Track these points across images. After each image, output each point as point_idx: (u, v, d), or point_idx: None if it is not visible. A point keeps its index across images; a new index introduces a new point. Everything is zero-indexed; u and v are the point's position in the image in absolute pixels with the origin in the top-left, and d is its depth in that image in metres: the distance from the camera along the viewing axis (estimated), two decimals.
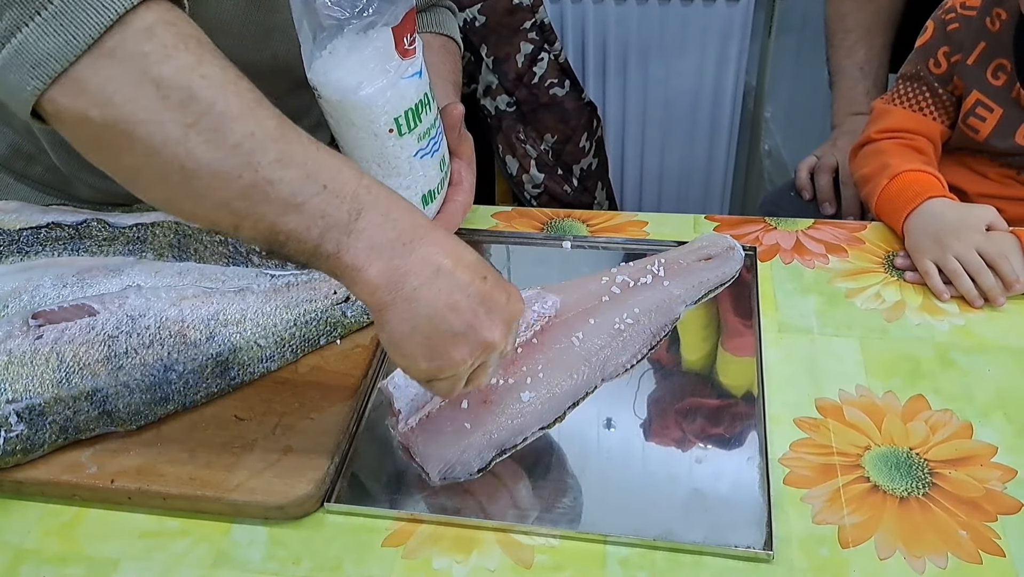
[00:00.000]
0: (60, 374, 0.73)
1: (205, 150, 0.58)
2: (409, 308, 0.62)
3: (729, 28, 1.87)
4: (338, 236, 0.60)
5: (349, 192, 0.61)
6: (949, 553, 0.65)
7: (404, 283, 0.61)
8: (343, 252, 0.61)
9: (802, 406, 0.78)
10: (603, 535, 0.68)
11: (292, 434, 0.75)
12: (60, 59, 0.57)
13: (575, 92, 1.65)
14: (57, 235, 0.88)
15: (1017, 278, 0.88)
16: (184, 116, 0.57)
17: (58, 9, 0.57)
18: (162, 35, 0.58)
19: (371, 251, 0.61)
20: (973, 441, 0.74)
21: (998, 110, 1.02)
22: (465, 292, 0.63)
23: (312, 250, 0.61)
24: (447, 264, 0.63)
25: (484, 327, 0.63)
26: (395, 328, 0.63)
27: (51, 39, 0.57)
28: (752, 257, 0.95)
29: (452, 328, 0.62)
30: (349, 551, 0.68)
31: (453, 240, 0.65)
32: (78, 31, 0.57)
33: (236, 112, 0.59)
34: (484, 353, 0.64)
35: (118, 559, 0.69)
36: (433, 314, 0.62)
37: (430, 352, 0.63)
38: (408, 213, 0.64)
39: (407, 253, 0.62)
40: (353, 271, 0.61)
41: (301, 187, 0.59)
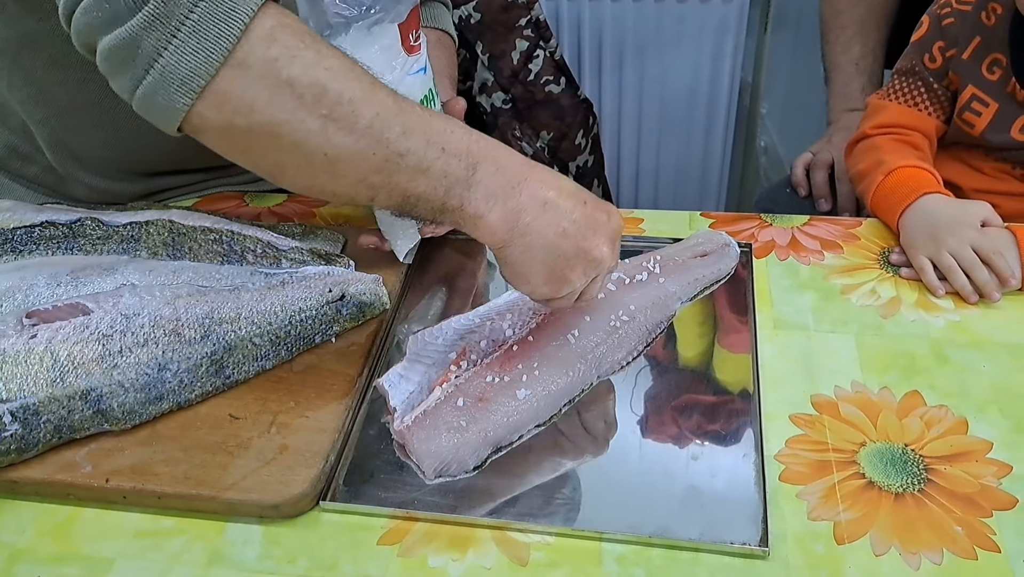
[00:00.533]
0: (54, 373, 0.73)
1: (342, 136, 0.64)
2: (526, 241, 0.69)
3: (725, 24, 1.87)
4: (460, 191, 0.68)
5: (463, 150, 0.68)
6: (944, 549, 0.65)
7: (519, 221, 0.69)
8: (466, 204, 0.68)
9: (798, 402, 0.78)
10: (599, 532, 0.68)
11: (287, 433, 0.75)
12: (203, 75, 0.61)
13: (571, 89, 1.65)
14: (51, 234, 0.88)
15: (1012, 274, 0.88)
16: (320, 109, 0.63)
17: (192, 28, 0.61)
18: (283, 38, 0.63)
19: (489, 199, 0.68)
20: (968, 437, 0.74)
21: (993, 105, 1.02)
22: (571, 218, 0.70)
23: (440, 207, 0.68)
24: (552, 196, 0.70)
25: (592, 247, 0.71)
26: (517, 260, 0.71)
27: (191, 57, 0.61)
28: (748, 254, 0.95)
29: (565, 253, 0.70)
30: (345, 550, 0.68)
31: (553, 174, 0.72)
32: (213, 46, 0.61)
33: (361, 96, 0.64)
34: (596, 269, 0.72)
35: (113, 558, 0.68)
36: (547, 243, 0.69)
37: (550, 276, 0.71)
38: (512, 157, 0.71)
39: (517, 194, 0.69)
40: (476, 219, 0.69)
41: (425, 153, 0.66)
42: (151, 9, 0.61)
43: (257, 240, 0.88)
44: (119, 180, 1.04)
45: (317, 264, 0.88)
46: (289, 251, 0.88)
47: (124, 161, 1.03)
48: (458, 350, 0.80)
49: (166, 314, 0.78)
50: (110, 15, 0.62)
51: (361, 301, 0.86)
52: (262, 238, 0.88)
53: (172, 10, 0.61)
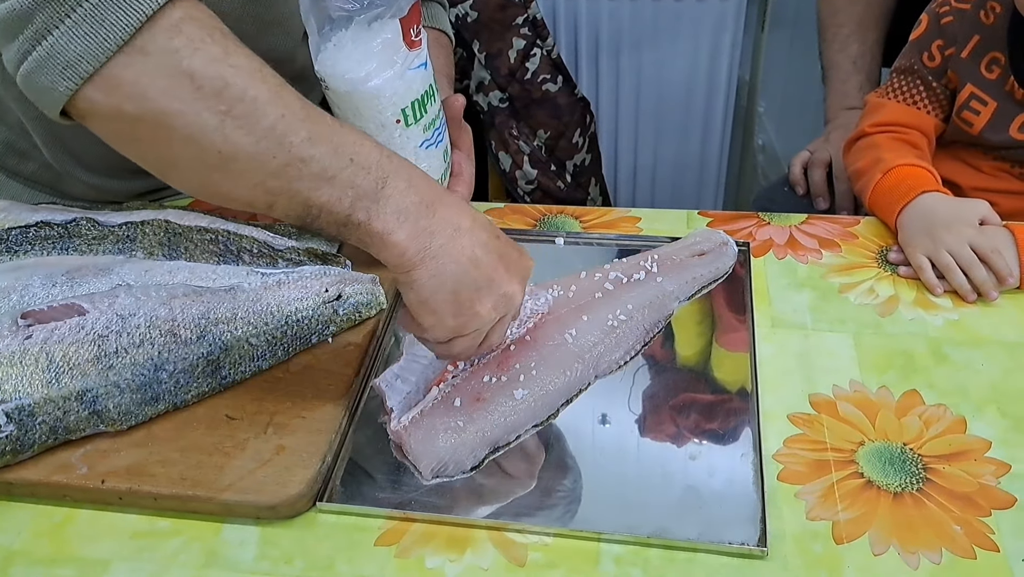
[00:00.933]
0: (50, 374, 0.73)
1: (241, 135, 0.61)
2: (436, 265, 0.66)
3: (722, 23, 1.87)
4: (367, 204, 0.65)
5: (374, 163, 0.65)
6: (943, 548, 0.65)
7: (430, 243, 0.66)
8: (373, 219, 0.65)
9: (796, 401, 0.78)
10: (597, 533, 0.68)
11: (284, 433, 0.75)
12: (92, 60, 0.59)
13: (568, 87, 1.65)
14: (46, 234, 0.88)
15: (1010, 272, 0.88)
16: (219, 104, 0.60)
17: (87, 12, 0.59)
18: (189, 30, 0.60)
19: (398, 216, 0.65)
20: (967, 436, 0.74)
21: (992, 103, 1.02)
22: (484, 248, 0.68)
23: (344, 220, 0.65)
24: (466, 223, 0.68)
25: (504, 280, 0.69)
26: (423, 286, 0.67)
27: (82, 41, 0.59)
28: (746, 252, 0.95)
29: (476, 282, 0.67)
30: (341, 550, 0.68)
31: (466, 202, 0.71)
32: (109, 32, 0.58)
33: (266, 96, 0.62)
34: (505, 306, 0.70)
35: (109, 560, 0.68)
36: (457, 269, 0.67)
37: (457, 307, 0.68)
38: (425, 179, 0.69)
39: (430, 214, 0.66)
40: (383, 236, 0.65)
41: (331, 162, 0.63)
42: None
43: (253, 240, 0.88)
44: (116, 177, 1.04)
45: (313, 264, 0.88)
46: (285, 251, 0.88)
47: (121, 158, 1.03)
48: None
49: (162, 314, 0.77)
50: None
51: (358, 301, 0.85)
52: (258, 238, 0.88)
53: None
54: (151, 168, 0.66)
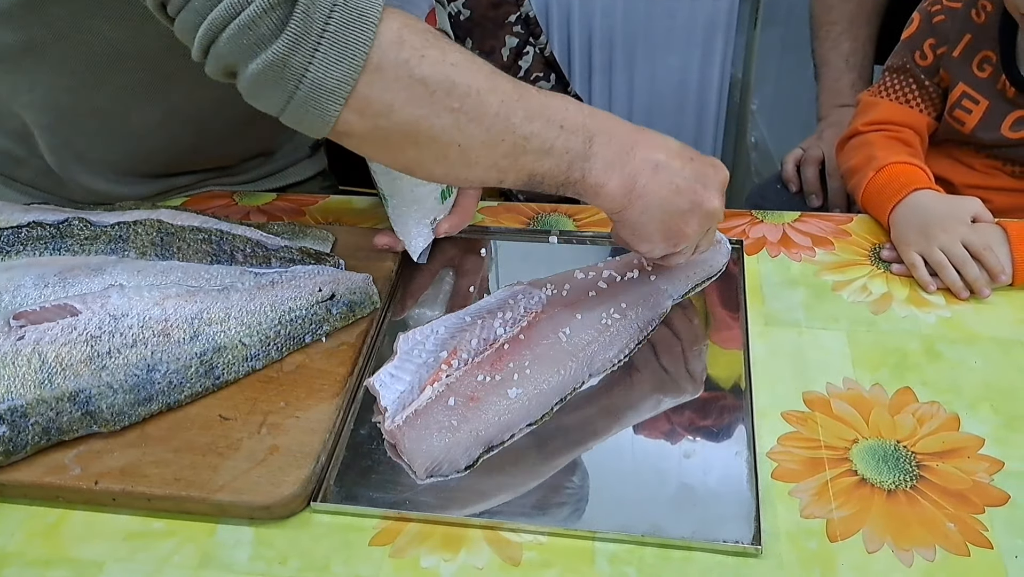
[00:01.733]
0: (42, 375, 0.73)
1: (473, 127, 0.68)
2: (643, 202, 0.74)
3: (715, 20, 1.87)
4: (581, 164, 0.72)
5: (580, 125, 0.71)
6: (937, 545, 0.65)
7: (635, 184, 0.73)
8: (587, 176, 0.72)
9: (789, 399, 0.78)
10: (591, 531, 0.68)
11: (278, 433, 0.75)
12: (348, 82, 0.64)
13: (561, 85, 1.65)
14: (38, 234, 0.88)
15: (1003, 269, 0.88)
16: (451, 102, 0.66)
17: (331, 40, 0.64)
18: (410, 39, 0.66)
19: (607, 168, 0.72)
20: (960, 433, 0.74)
21: (984, 102, 1.02)
22: (682, 175, 0.74)
23: (564, 180, 0.72)
24: (662, 158, 0.74)
25: (705, 199, 0.75)
26: (636, 221, 0.75)
27: (335, 68, 0.64)
28: (739, 250, 0.95)
29: (680, 208, 0.75)
30: (336, 551, 0.68)
31: (659, 136, 0.76)
32: (353, 53, 0.64)
33: (486, 85, 0.68)
34: (709, 220, 0.77)
35: (103, 561, 0.68)
36: (662, 201, 0.74)
37: (667, 232, 0.76)
38: (620, 125, 0.74)
39: (631, 159, 0.73)
40: (597, 188, 0.73)
41: (547, 134, 0.70)
42: (293, 28, 0.63)
43: (246, 239, 0.87)
44: (123, 183, 1.04)
45: (307, 263, 0.88)
46: (279, 250, 0.88)
47: (131, 164, 1.03)
48: (449, 349, 0.79)
49: (155, 315, 0.77)
50: (255, 39, 0.64)
51: (351, 300, 0.85)
52: (251, 237, 0.88)
53: (310, 27, 0.63)
54: (400, 169, 0.73)
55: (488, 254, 0.98)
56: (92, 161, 1.01)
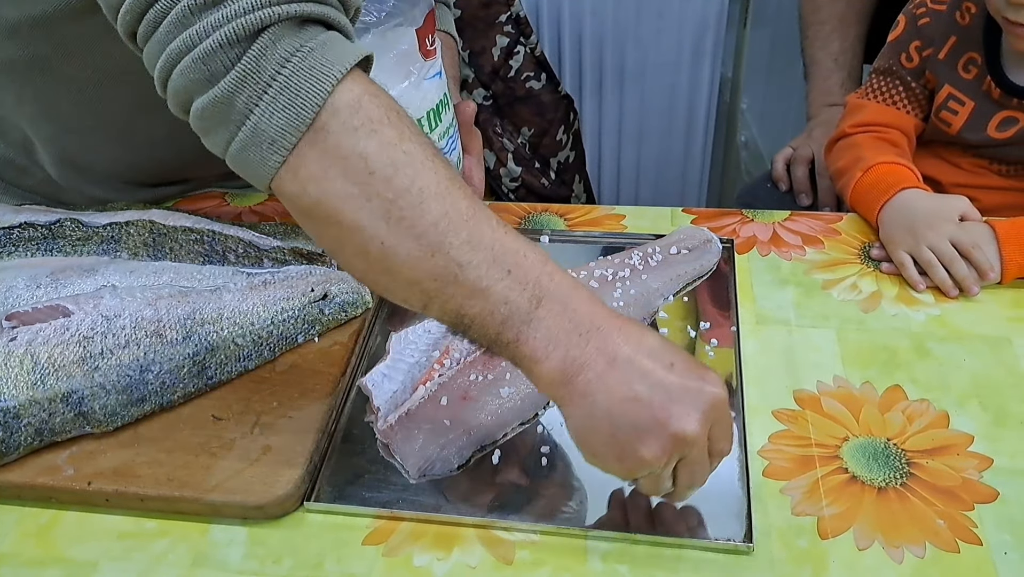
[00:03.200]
0: (35, 376, 0.73)
1: (403, 227, 0.58)
2: (587, 403, 0.59)
3: (704, 20, 1.87)
4: (519, 325, 0.59)
5: (532, 279, 0.60)
6: (927, 542, 0.66)
7: (579, 375, 0.59)
8: (522, 342, 0.59)
9: (780, 398, 0.78)
10: (584, 530, 0.68)
11: (271, 433, 0.75)
12: (291, 134, 0.58)
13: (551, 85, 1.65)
14: (30, 235, 0.88)
15: (991, 267, 0.88)
16: (387, 191, 0.58)
17: (281, 86, 0.58)
18: (368, 108, 0.59)
19: (548, 342, 0.59)
20: (949, 430, 0.75)
21: (969, 103, 1.03)
22: (646, 382, 0.59)
23: (494, 336, 0.60)
24: (625, 352, 0.59)
25: (674, 419, 0.58)
26: (578, 424, 0.61)
27: (280, 115, 0.58)
28: (729, 249, 0.95)
29: (636, 423, 0.59)
30: (330, 550, 0.68)
31: (636, 326, 0.61)
32: (301, 106, 0.58)
33: (434, 190, 0.59)
34: (679, 448, 0.59)
35: (96, 561, 0.68)
36: (612, 408, 0.59)
37: (618, 450, 0.60)
38: (588, 302, 0.61)
39: (583, 344, 0.59)
40: (531, 362, 0.60)
41: (487, 271, 0.59)
42: (243, 66, 0.58)
43: (238, 240, 0.87)
44: (125, 192, 1.04)
45: (299, 263, 0.88)
46: (271, 251, 0.88)
47: (133, 174, 1.03)
48: (441, 348, 0.80)
49: (147, 315, 0.77)
50: (208, 74, 0.59)
51: (344, 300, 0.85)
52: (243, 238, 0.88)
53: (263, 68, 0.58)
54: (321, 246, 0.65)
55: None
56: (95, 172, 1.00)
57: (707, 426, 0.60)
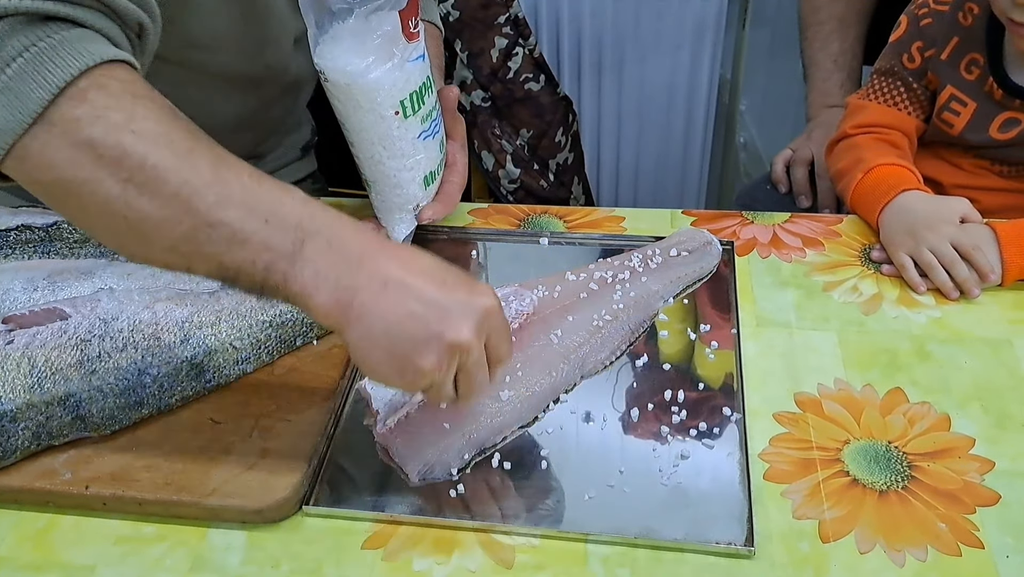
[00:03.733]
0: (32, 379, 0.72)
1: (144, 202, 0.60)
2: (363, 325, 0.62)
3: (704, 21, 1.87)
4: (284, 267, 0.61)
5: (292, 223, 0.62)
6: (928, 546, 0.66)
7: (354, 301, 0.62)
8: (290, 281, 0.62)
9: (781, 400, 0.78)
10: (584, 534, 0.68)
11: (269, 437, 0.74)
12: (8, 133, 0.59)
13: (550, 86, 1.65)
14: (27, 238, 0.87)
15: (992, 269, 0.88)
16: (120, 172, 0.60)
17: (4, 85, 0.59)
18: (94, 98, 0.60)
19: (317, 276, 0.62)
20: (951, 433, 0.74)
21: (972, 104, 1.03)
22: (420, 299, 0.62)
23: (261, 282, 0.62)
24: (396, 273, 0.63)
25: (448, 328, 0.62)
26: (357, 347, 0.63)
27: (2, 112, 0.59)
28: (729, 251, 0.95)
29: (412, 337, 0.62)
30: (328, 554, 0.68)
31: (406, 250, 0.65)
32: (23, 104, 0.59)
33: (170, 163, 0.60)
34: (455, 356, 0.64)
35: (94, 565, 0.68)
36: (389, 326, 0.62)
37: (398, 365, 0.63)
38: (355, 233, 0.64)
39: (355, 272, 0.62)
40: (303, 298, 0.62)
41: (242, 225, 0.61)
42: None
43: None
44: None
45: None
46: None
47: None
48: None
49: (145, 318, 0.77)
50: None
51: None
52: None
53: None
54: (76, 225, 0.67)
55: (479, 256, 0.98)
56: None
57: (482, 335, 0.64)
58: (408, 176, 0.90)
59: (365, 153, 0.90)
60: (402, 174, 0.90)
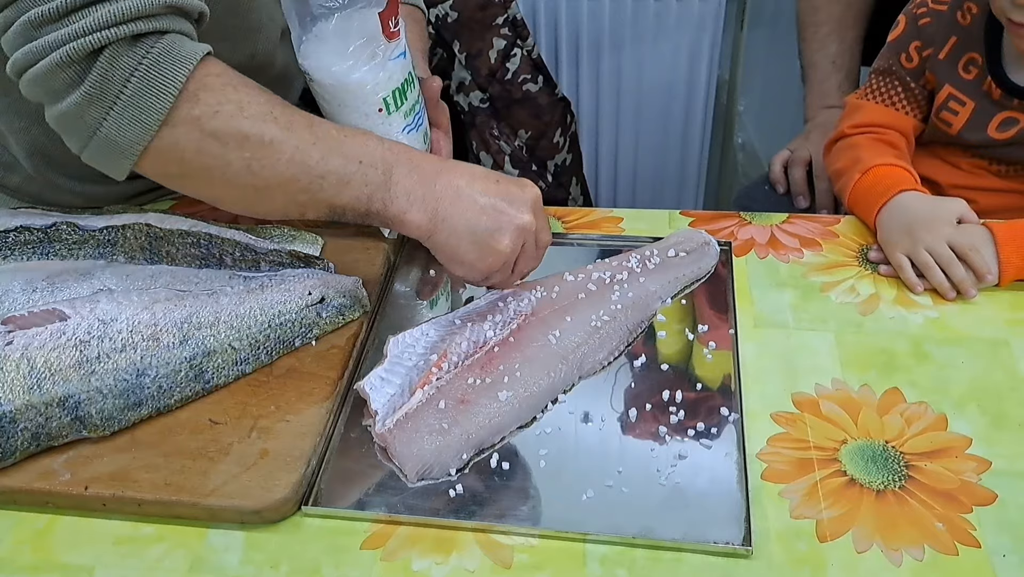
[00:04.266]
0: (31, 380, 0.72)
1: (267, 173, 0.75)
2: (448, 226, 0.79)
3: (702, 22, 1.87)
4: (382, 195, 0.78)
5: (379, 158, 0.78)
6: (926, 545, 0.66)
7: (438, 209, 0.78)
8: (388, 205, 0.78)
9: (779, 400, 0.78)
10: (582, 534, 0.68)
11: (268, 437, 0.74)
12: (140, 142, 0.72)
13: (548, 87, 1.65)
14: (26, 239, 0.87)
15: (988, 269, 0.88)
16: (243, 152, 0.74)
17: (127, 102, 0.70)
18: (205, 97, 0.72)
19: (407, 197, 0.78)
20: (948, 433, 0.75)
21: (970, 104, 1.03)
22: (486, 196, 0.79)
23: (365, 211, 0.78)
24: (463, 183, 0.79)
25: (513, 215, 0.79)
26: (446, 245, 0.79)
27: (128, 128, 0.71)
28: (727, 252, 0.95)
29: (488, 226, 0.78)
30: (327, 554, 0.68)
31: (465, 166, 0.81)
32: (147, 117, 0.71)
33: (280, 135, 0.74)
34: (523, 235, 0.80)
35: (93, 566, 0.68)
36: (468, 222, 0.78)
37: (480, 252, 0.79)
38: (424, 157, 0.81)
39: (432, 186, 0.78)
40: (399, 216, 0.78)
41: (344, 170, 0.76)
42: (89, 87, 0.70)
43: (235, 243, 0.87)
44: (101, 183, 1.03)
45: (296, 267, 0.88)
46: (268, 254, 0.88)
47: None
48: (439, 352, 0.79)
49: (144, 319, 0.77)
50: (49, 90, 0.71)
51: (341, 304, 0.85)
52: (240, 241, 0.88)
53: (108, 87, 0.70)
54: (204, 199, 0.80)
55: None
56: (69, 163, 1.00)
57: (537, 217, 0.81)
58: None
59: None
60: None
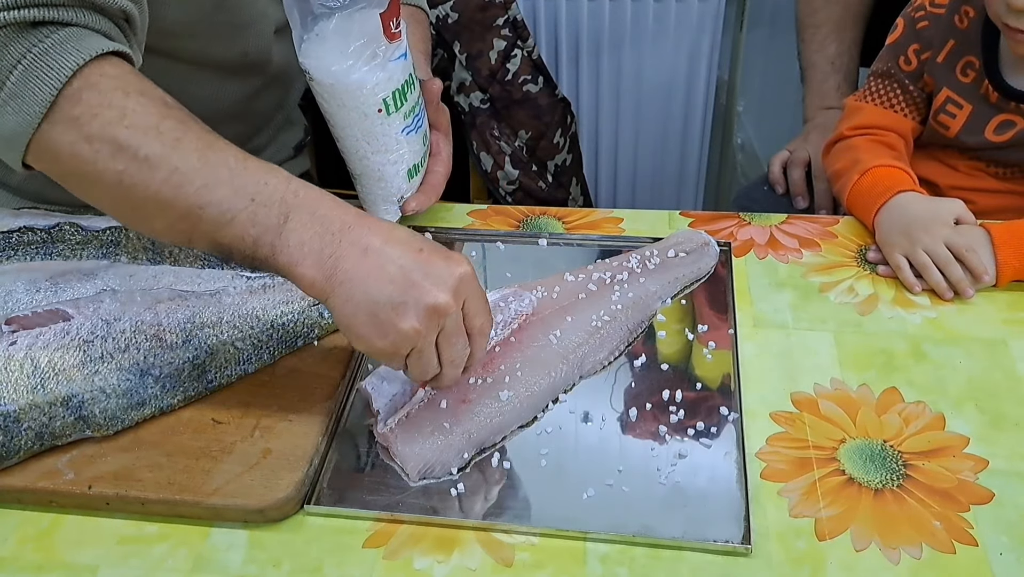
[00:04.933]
0: (35, 380, 0.73)
1: (140, 188, 0.67)
2: (346, 290, 0.66)
3: (701, 23, 1.87)
4: (271, 240, 0.67)
5: (276, 199, 0.67)
6: (923, 544, 0.66)
7: (337, 269, 0.66)
8: (277, 253, 0.67)
9: (778, 400, 0.79)
10: (583, 532, 0.68)
11: (271, 436, 0.75)
12: (22, 135, 0.67)
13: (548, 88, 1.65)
14: (29, 239, 0.88)
15: (985, 270, 0.89)
16: (116, 164, 0.66)
17: (8, 94, 0.66)
18: (88, 98, 0.67)
19: (301, 248, 0.66)
20: (946, 432, 0.75)
21: (967, 107, 1.03)
22: (397, 263, 0.66)
23: (251, 255, 0.68)
24: (375, 242, 0.67)
25: (426, 292, 0.66)
26: (342, 313, 0.67)
27: (10, 118, 0.67)
28: (727, 252, 0.96)
29: (391, 299, 0.66)
30: (330, 553, 0.68)
31: (384, 223, 0.70)
32: (28, 110, 0.66)
33: (159, 152, 0.67)
34: (434, 319, 0.67)
35: (96, 565, 0.68)
36: (368, 289, 0.66)
37: (379, 328, 0.66)
38: (336, 207, 0.69)
39: (336, 242, 0.67)
40: (289, 268, 0.67)
41: (229, 204, 0.66)
42: None
43: None
44: None
45: None
46: None
47: None
48: None
49: (147, 319, 0.77)
50: None
51: None
52: None
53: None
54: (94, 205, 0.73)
55: (478, 257, 0.99)
56: None
57: (459, 299, 0.68)
58: (392, 170, 0.93)
59: (350, 148, 0.92)
60: (386, 168, 0.92)
